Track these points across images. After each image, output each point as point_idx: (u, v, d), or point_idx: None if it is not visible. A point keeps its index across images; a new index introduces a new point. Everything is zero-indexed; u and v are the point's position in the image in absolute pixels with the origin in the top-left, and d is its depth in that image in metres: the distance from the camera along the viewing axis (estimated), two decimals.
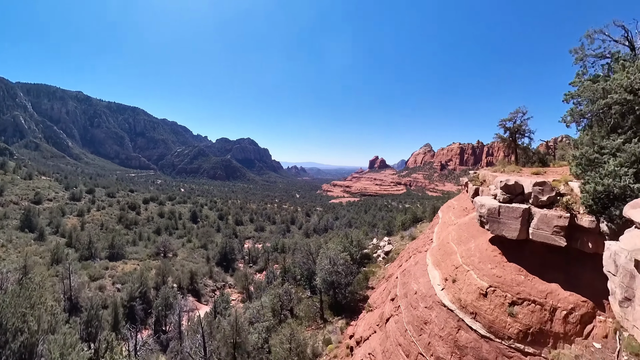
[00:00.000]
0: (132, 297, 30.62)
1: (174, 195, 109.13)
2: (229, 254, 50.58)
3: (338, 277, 22.70)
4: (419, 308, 11.21)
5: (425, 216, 40.42)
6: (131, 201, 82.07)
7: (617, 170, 8.62)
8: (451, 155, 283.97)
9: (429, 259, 13.06)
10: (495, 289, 9.68)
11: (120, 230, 59.25)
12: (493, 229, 10.57)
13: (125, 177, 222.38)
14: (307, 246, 32.01)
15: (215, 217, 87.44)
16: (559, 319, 8.58)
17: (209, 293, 39.89)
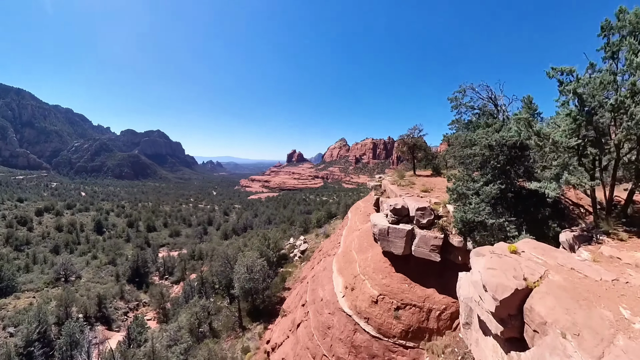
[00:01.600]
0: (29, 340, 26.19)
1: (74, 202, 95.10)
2: (141, 267, 46.79)
3: (255, 283, 23.72)
4: (324, 314, 12.85)
5: (338, 212, 43.78)
6: (20, 214, 69.36)
7: (477, 207, 10.78)
8: (365, 149, 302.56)
9: (335, 265, 14.85)
10: (384, 296, 11.78)
11: (8, 254, 49.65)
12: (383, 245, 12.69)
13: (10, 181, 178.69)
14: (225, 253, 31.86)
15: (124, 225, 78.99)
16: (433, 317, 10.96)
17: (120, 317, 36.43)
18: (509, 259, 5.87)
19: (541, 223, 10.39)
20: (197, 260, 49.66)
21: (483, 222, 10.49)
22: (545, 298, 4.75)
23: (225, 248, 37.96)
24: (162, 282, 44.91)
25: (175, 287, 42.44)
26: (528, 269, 5.54)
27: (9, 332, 30.12)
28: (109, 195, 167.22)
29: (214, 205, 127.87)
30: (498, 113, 15.58)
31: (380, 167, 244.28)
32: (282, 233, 42.28)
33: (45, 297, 35.12)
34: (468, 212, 10.82)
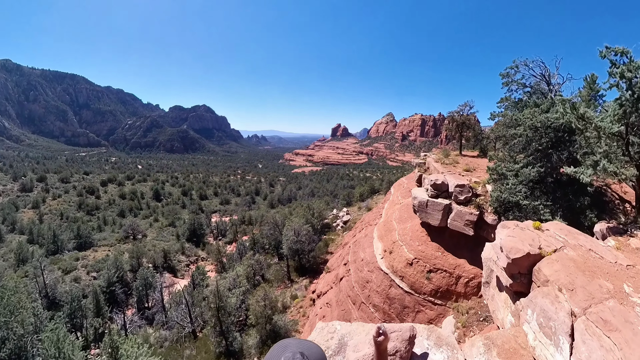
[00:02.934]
0: (111, 282, 31.84)
1: (132, 174, 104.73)
2: (197, 229, 52.11)
3: (302, 245, 26.40)
4: (364, 271, 14.73)
5: (381, 188, 44.62)
6: (88, 185, 78.52)
7: (514, 187, 10.99)
8: (412, 126, 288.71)
9: (375, 233, 16.42)
10: (419, 260, 13.18)
11: (83, 217, 57.62)
12: (421, 217, 13.84)
13: (75, 157, 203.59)
14: (274, 218, 35.17)
15: (179, 194, 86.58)
16: (462, 283, 12.21)
17: (183, 268, 41.87)
18: (530, 232, 6.43)
19: (578, 212, 10.30)
20: (247, 225, 53.86)
21: (518, 203, 10.76)
22: (553, 264, 5.32)
23: (274, 214, 40.92)
24: (217, 242, 49.48)
25: (228, 247, 46.77)
26: (545, 242, 6.04)
27: (92, 276, 36.20)
28: (162, 167, 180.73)
29: (260, 177, 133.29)
30: (550, 92, 15.01)
31: (427, 146, 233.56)
32: (326, 205, 44.28)
33: (118, 250, 40.86)
34: (504, 192, 11.12)
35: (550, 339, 4.42)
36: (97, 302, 28.15)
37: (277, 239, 31.99)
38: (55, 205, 64.01)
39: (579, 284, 4.75)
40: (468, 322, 10.08)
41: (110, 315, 27.86)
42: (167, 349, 22.36)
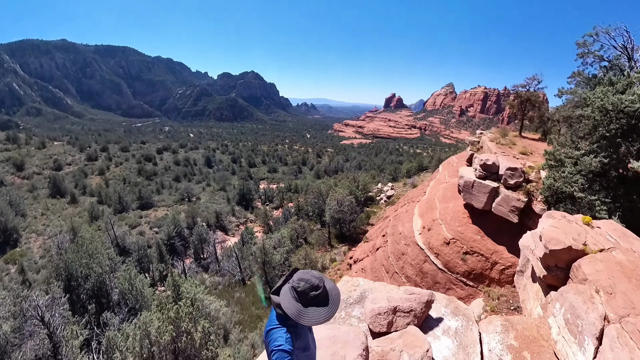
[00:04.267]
0: (170, 236, 36.14)
1: (185, 142, 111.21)
2: (246, 194, 55.47)
3: (343, 215, 27.16)
4: (401, 244, 14.91)
5: (430, 166, 43.11)
6: (145, 153, 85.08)
7: (571, 177, 9.68)
8: (473, 100, 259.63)
9: (417, 209, 16.28)
10: (457, 240, 12.91)
11: (143, 182, 63.36)
12: (465, 198, 13.25)
13: (132, 128, 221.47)
14: (318, 188, 36.49)
15: (229, 161, 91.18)
16: (497, 270, 11.81)
17: (234, 228, 45.45)
18: (577, 226, 5.85)
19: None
20: (293, 192, 55.78)
21: (572, 195, 9.60)
22: (596, 263, 4.84)
23: (319, 184, 42.00)
24: (264, 207, 52.42)
25: (274, 212, 49.39)
26: (593, 239, 5.47)
27: (154, 230, 40.74)
28: (213, 136, 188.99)
29: (307, 148, 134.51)
30: (630, 69, 12.54)
31: (486, 124, 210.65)
32: (371, 178, 44.15)
33: (175, 210, 44.87)
34: (559, 181, 9.98)
35: (575, 337, 4.28)
36: (159, 251, 32.49)
37: (320, 207, 33.30)
38: (118, 172, 70.94)
39: (621, 290, 4.36)
40: (497, 308, 9.89)
41: (171, 262, 31.96)
42: (220, 291, 25.32)
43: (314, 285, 2.24)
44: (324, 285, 2.29)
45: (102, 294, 20.20)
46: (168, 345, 10.67)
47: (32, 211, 45.31)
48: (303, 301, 2.22)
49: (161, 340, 10.59)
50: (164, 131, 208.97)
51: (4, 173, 57.94)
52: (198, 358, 11.17)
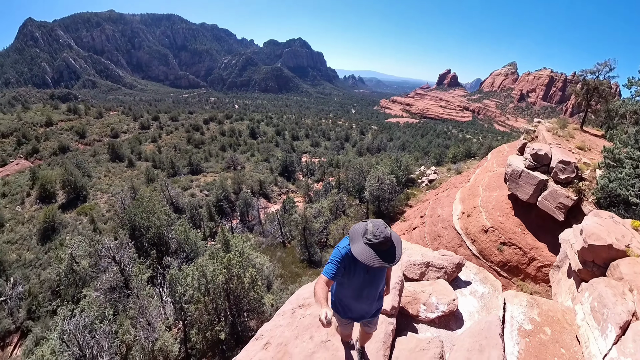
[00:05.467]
0: (219, 199, 39.11)
1: (230, 113, 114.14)
2: (289, 166, 57.25)
3: (383, 193, 27.77)
4: (438, 226, 15.24)
5: (478, 153, 41.04)
6: (193, 122, 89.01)
7: (628, 179, 8.91)
8: (536, 84, 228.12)
9: (459, 194, 16.30)
10: (495, 230, 12.84)
11: (192, 149, 67.60)
12: (511, 187, 12.80)
13: (179, 99, 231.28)
14: (360, 165, 37.10)
15: (272, 133, 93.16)
16: (534, 266, 11.64)
17: (276, 197, 47.58)
18: (624, 228, 5.54)
19: None
20: (334, 167, 56.47)
21: (627, 200, 8.97)
22: (637, 266, 4.67)
23: (361, 161, 42.29)
24: (305, 179, 54.01)
25: (315, 184, 50.76)
26: (638, 244, 5.22)
27: (204, 193, 43.94)
28: (257, 107, 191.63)
29: (351, 123, 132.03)
30: None
31: (547, 113, 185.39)
32: (414, 160, 43.43)
33: (222, 176, 47.97)
34: (614, 182, 9.34)
35: (599, 324, 4.32)
36: (209, 211, 35.58)
37: (360, 184, 33.97)
38: (169, 140, 75.86)
39: None
40: None
41: (220, 221, 35.10)
42: (263, 250, 27.54)
43: (379, 236, 2.65)
44: (390, 242, 2.70)
45: (161, 242, 23.05)
46: (221, 285, 12.51)
47: (96, 173, 50.79)
48: (367, 243, 2.67)
49: (216, 280, 12.45)
50: (209, 102, 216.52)
51: (69, 140, 64.66)
52: (246, 298, 12.97)
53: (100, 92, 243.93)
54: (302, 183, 48.75)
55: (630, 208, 8.95)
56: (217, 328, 12.52)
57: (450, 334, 4.26)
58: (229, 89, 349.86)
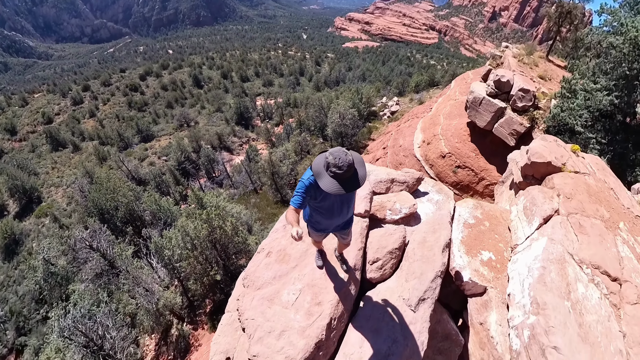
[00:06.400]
0: (180, 162, 37.94)
1: (166, 62, 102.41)
2: (244, 113, 55.00)
3: (345, 129, 28.08)
4: (399, 155, 16.32)
5: (442, 81, 40.56)
6: (128, 82, 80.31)
7: (577, 110, 9.25)
8: (511, 1, 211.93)
9: (420, 124, 16.99)
10: (452, 155, 14.01)
11: (136, 114, 62.18)
12: (470, 115, 13.44)
13: (105, 56, 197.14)
14: (319, 101, 36.45)
15: (218, 77, 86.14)
16: (482, 184, 13.12)
17: (237, 148, 46.67)
18: (564, 151, 6.26)
19: (629, 165, 8.92)
20: (292, 107, 54.80)
21: (573, 129, 9.53)
22: (567, 179, 5.47)
23: (320, 96, 41.62)
24: (264, 124, 52.69)
25: (275, 128, 49.82)
26: (573, 162, 5.96)
27: (163, 159, 42.09)
28: (194, 48, 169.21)
29: (304, 53, 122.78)
30: None
31: (517, 37, 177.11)
32: (376, 92, 42.37)
33: (178, 137, 45.34)
34: (566, 111, 9.77)
35: (527, 218, 5.27)
36: (174, 176, 34.89)
37: (322, 122, 33.89)
38: (108, 110, 68.52)
39: (579, 199, 5.05)
40: None
41: (187, 183, 34.85)
42: (237, 200, 28.28)
43: (342, 166, 2.74)
44: (353, 167, 2.81)
45: (134, 218, 22.72)
46: (206, 238, 13.34)
47: (42, 168, 46.60)
48: (332, 175, 2.79)
49: (200, 235, 13.23)
50: (139, 52, 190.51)
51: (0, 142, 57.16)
52: (232, 243, 13.94)
53: (16, 74, 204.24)
54: (262, 129, 47.72)
55: (574, 136, 9.64)
56: (212, 273, 13.71)
57: (411, 228, 5.35)
58: (157, 30, 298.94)
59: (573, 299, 3.85)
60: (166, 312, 14.28)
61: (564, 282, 3.98)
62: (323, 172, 2.85)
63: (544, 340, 3.53)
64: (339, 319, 4.05)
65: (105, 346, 12.98)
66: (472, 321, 4.64)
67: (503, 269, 4.95)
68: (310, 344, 3.73)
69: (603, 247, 4.40)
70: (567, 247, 4.40)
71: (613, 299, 3.97)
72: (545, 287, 3.93)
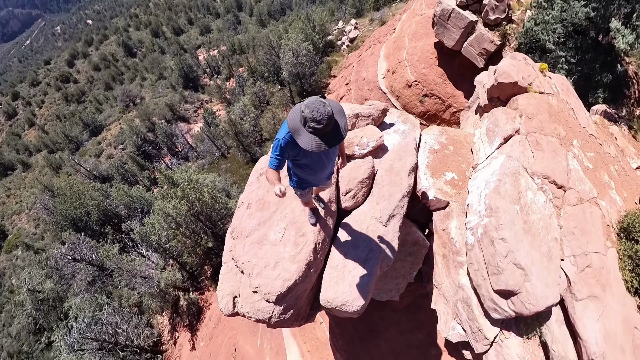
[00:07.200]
0: (138, 146, 35.61)
1: (89, 37, 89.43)
2: (189, 74, 50.22)
3: (302, 68, 25.61)
4: (364, 90, 15.26)
5: None
6: (57, 74, 71.20)
7: (552, 23, 8.51)
8: None
9: (383, 50, 15.36)
10: (419, 83, 13.00)
11: (77, 108, 56.68)
12: (438, 33, 11.61)
13: (24, 51, 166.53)
14: (267, 40, 32.69)
15: (150, 38, 76.11)
16: (449, 112, 12.53)
17: (193, 115, 43.46)
18: (532, 70, 6.16)
19: (592, 86, 8.77)
20: (239, 54, 49.66)
21: (543, 47, 8.90)
22: (531, 99, 5.58)
23: (267, 34, 37.15)
24: (214, 81, 48.56)
25: (227, 83, 46.10)
26: (539, 83, 5.94)
27: (120, 148, 39.42)
28: (113, 8, 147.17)
29: None
30: None
31: None
32: (330, 15, 37.50)
33: (127, 120, 42.10)
34: (540, 25, 8.97)
35: (489, 139, 5.49)
36: (137, 163, 32.88)
37: (275, 64, 31.26)
38: (46, 112, 61.69)
39: (539, 119, 5.27)
40: None
41: (153, 166, 33.41)
42: (207, 170, 27.56)
43: (321, 120, 2.43)
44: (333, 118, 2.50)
45: (110, 216, 22.04)
46: (187, 213, 13.51)
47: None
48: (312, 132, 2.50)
49: (180, 212, 13.33)
50: (57, 34, 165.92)
51: None
52: (214, 211, 14.28)
53: None
54: (213, 87, 44.02)
55: (544, 55, 9.07)
56: (203, 243, 14.14)
57: (379, 159, 5.62)
58: (66, 1, 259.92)
59: (522, 203, 4.45)
60: (170, 290, 14.88)
61: (516, 191, 4.53)
62: (300, 127, 2.54)
63: (493, 234, 4.25)
64: (322, 243, 4.71)
65: (119, 340, 13.57)
66: (436, 229, 5.40)
67: (464, 186, 5.44)
68: (301, 266, 4.43)
69: (555, 161, 4.86)
70: (523, 162, 4.84)
71: (556, 202, 4.65)
72: (499, 196, 4.49)
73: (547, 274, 4.05)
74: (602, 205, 4.77)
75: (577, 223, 4.43)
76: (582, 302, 4.01)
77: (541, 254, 4.14)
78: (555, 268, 4.13)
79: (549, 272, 4.06)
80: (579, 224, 4.42)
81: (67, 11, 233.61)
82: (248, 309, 4.55)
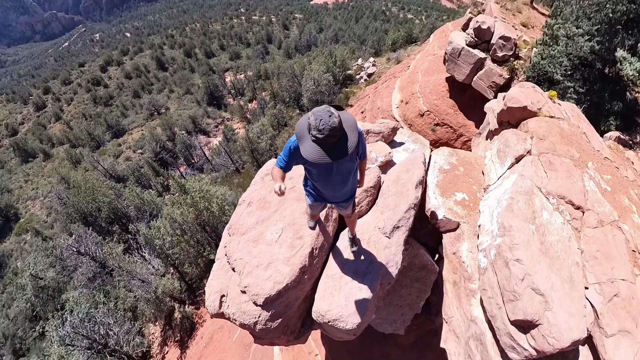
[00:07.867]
0: (156, 152, 36.68)
1: (126, 47, 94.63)
2: (214, 92, 52.55)
3: (322, 96, 27.29)
4: (378, 117, 15.72)
5: (420, 37, 37.98)
6: (90, 77, 74.73)
7: (558, 57, 8.69)
8: None
9: (398, 84, 16.23)
10: (431, 113, 13.58)
11: (103, 110, 58.91)
12: (449, 68, 12.48)
13: (61, 52, 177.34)
14: (291, 69, 34.82)
15: (182, 56, 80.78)
16: (460, 141, 12.95)
17: (213, 129, 45.09)
18: (541, 96, 6.20)
19: (603, 114, 8.83)
20: (264, 80, 52.13)
21: (551, 79, 9.13)
22: (541, 122, 5.53)
23: (291, 64, 39.61)
24: (237, 101, 50.62)
25: (249, 104, 48.07)
26: (549, 108, 5.90)
27: (139, 153, 40.59)
28: (152, 27, 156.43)
29: (269, 16, 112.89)
30: None
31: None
32: (351, 53, 40.25)
33: (150, 127, 43.50)
34: (546, 59, 9.27)
35: (500, 159, 5.40)
36: (153, 168, 33.70)
37: (296, 91, 32.76)
38: (73, 109, 64.36)
39: (551, 140, 5.13)
40: None
41: (167, 173, 33.99)
42: (220, 183, 27.83)
43: (324, 130, 2.31)
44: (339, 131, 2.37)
45: (119, 216, 22.30)
46: (194, 222, 13.46)
47: (14, 183, 44.76)
48: (314, 140, 2.39)
49: (187, 220, 13.30)
50: (96, 41, 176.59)
51: None
52: (220, 223, 14.03)
53: None
54: (235, 107, 45.97)
55: (553, 86, 9.29)
56: (205, 254, 13.99)
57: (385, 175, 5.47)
58: (110, 12, 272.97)
59: (537, 223, 4.17)
60: (166, 299, 14.57)
61: (530, 210, 4.30)
62: (305, 134, 2.43)
63: (508, 255, 3.92)
64: (320, 249, 4.47)
65: (109, 343, 13.23)
66: (446, 252, 5.08)
67: (475, 207, 5.23)
68: (295, 270, 4.18)
69: (570, 181, 4.68)
70: (536, 182, 4.65)
71: (575, 224, 4.35)
72: (512, 214, 4.25)
73: (570, 301, 3.61)
74: (625, 229, 4.41)
75: (599, 247, 4.08)
76: (613, 339, 3.50)
77: (562, 279, 3.75)
78: (579, 296, 3.70)
79: (572, 300, 3.63)
80: (602, 247, 4.07)
81: (108, 22, 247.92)
82: (234, 310, 4.29)
